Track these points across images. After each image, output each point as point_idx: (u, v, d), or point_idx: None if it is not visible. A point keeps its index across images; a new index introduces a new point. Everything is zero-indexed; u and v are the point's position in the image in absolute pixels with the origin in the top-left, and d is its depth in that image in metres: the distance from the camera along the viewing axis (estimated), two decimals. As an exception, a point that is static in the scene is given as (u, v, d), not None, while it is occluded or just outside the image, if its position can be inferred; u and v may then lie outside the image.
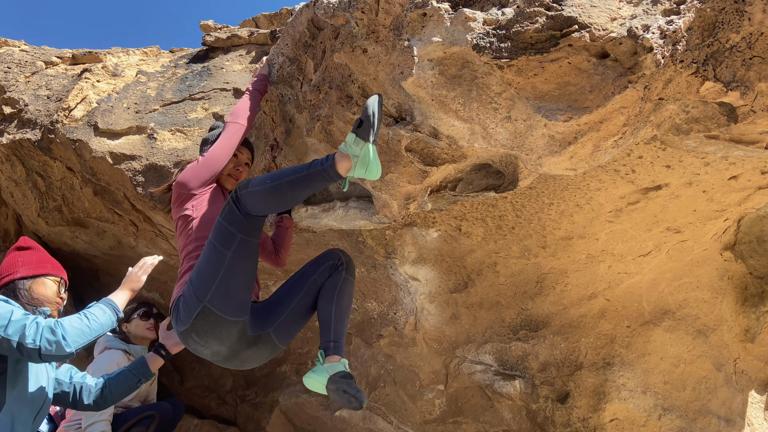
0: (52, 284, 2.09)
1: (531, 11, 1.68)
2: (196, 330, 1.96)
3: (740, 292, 3.19)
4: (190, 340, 2.01)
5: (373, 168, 1.89)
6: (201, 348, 2.03)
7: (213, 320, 1.93)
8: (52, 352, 1.76)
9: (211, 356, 2.07)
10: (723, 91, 1.64)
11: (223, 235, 1.95)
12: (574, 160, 1.78)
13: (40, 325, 1.78)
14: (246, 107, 2.41)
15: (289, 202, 2.04)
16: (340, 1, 2.05)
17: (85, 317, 1.92)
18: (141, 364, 2.41)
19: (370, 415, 3.60)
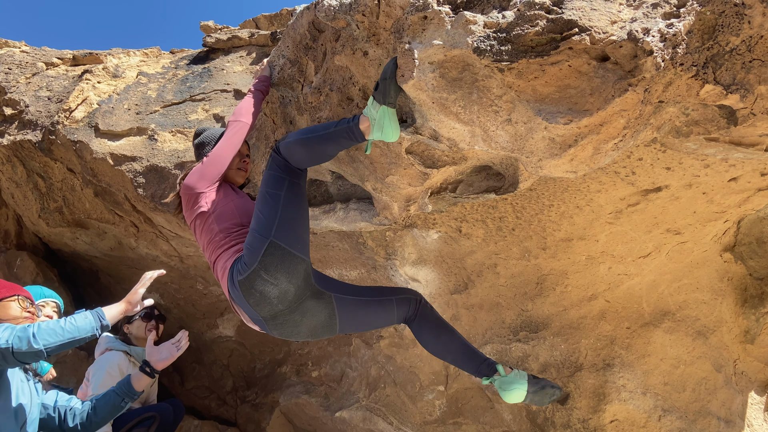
0: (13, 304, 2.14)
1: (531, 14, 1.68)
2: (266, 266, 1.97)
3: (740, 293, 3.20)
4: (258, 280, 1.98)
5: (388, 130, 1.98)
6: (270, 287, 1.98)
7: (281, 254, 1.98)
8: (23, 350, 1.81)
9: (278, 298, 2.01)
10: (723, 93, 1.65)
11: (272, 180, 2.10)
12: (575, 162, 1.78)
13: (15, 326, 1.86)
14: (248, 106, 2.42)
15: (317, 157, 2.13)
16: (341, 4, 2.05)
17: (63, 320, 1.96)
18: (125, 383, 2.38)
19: (370, 415, 3.61)
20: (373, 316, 2.21)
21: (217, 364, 4.86)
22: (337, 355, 4.01)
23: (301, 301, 2.06)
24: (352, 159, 2.43)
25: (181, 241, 3.82)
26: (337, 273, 3.60)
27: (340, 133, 2.06)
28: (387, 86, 1.93)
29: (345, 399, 3.80)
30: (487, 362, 2.21)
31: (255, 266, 1.97)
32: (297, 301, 2.05)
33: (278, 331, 2.12)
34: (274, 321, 2.07)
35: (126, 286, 4.88)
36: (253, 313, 2.07)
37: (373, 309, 2.19)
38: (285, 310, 2.04)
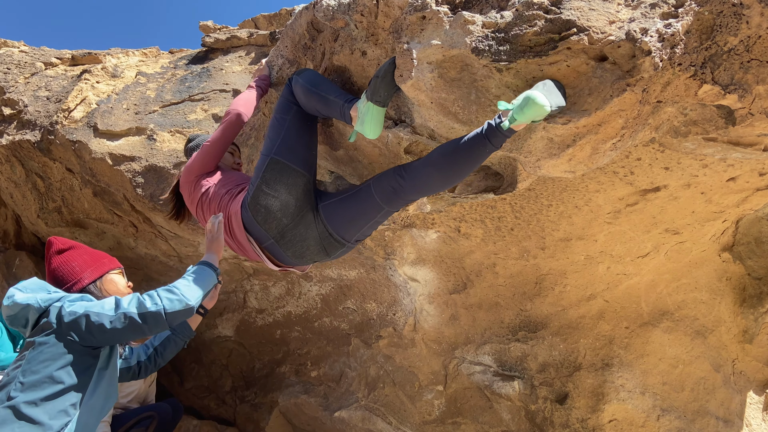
0: (120, 278, 2.10)
1: (530, 14, 1.69)
2: (266, 181, 2.08)
3: (738, 293, 3.20)
4: (261, 194, 2.08)
5: (367, 126, 2.01)
6: (271, 200, 2.08)
7: (279, 168, 2.08)
8: (176, 309, 1.77)
9: (281, 210, 2.09)
10: (721, 94, 1.65)
11: (281, 106, 2.22)
12: (573, 162, 1.79)
13: (153, 292, 1.79)
14: (246, 98, 2.47)
15: (311, 108, 2.20)
16: (340, 4, 2.05)
17: (191, 276, 1.93)
18: (184, 326, 2.43)
19: (369, 415, 3.61)
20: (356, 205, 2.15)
21: (216, 364, 4.86)
22: (336, 354, 4.01)
23: (302, 213, 2.13)
24: (351, 159, 2.43)
25: (180, 241, 3.82)
26: (336, 273, 3.60)
27: (336, 106, 2.13)
28: (377, 84, 1.97)
29: (344, 399, 3.80)
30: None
31: (257, 182, 2.09)
32: (299, 212, 2.12)
33: (291, 250, 2.18)
34: (284, 239, 2.15)
35: (125, 286, 4.88)
36: (264, 236, 2.14)
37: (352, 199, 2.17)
38: (290, 223, 2.12)
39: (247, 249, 2.26)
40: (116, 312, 1.69)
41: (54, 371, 1.63)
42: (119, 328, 1.69)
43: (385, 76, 1.95)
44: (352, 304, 3.73)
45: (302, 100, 2.20)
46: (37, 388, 1.60)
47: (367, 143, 2.30)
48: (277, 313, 4.24)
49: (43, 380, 1.61)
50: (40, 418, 1.57)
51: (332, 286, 3.75)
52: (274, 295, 4.13)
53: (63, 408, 1.62)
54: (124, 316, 1.69)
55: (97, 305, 1.71)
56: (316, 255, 2.23)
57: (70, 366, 1.66)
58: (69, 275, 1.97)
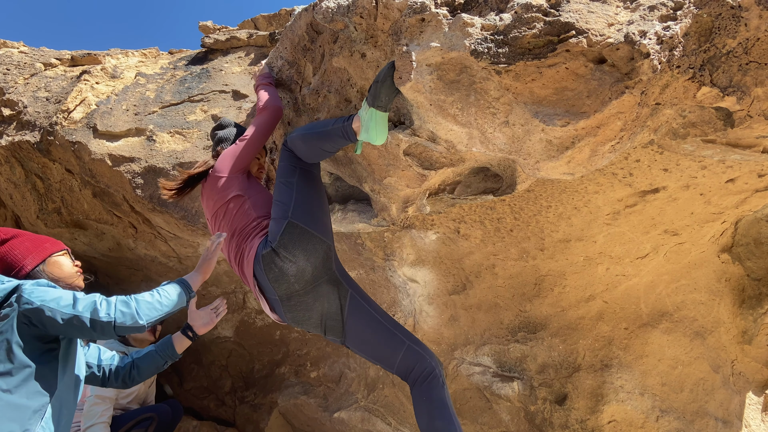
0: (65, 259, 2.06)
1: (528, 17, 1.69)
2: (284, 244, 2.06)
3: (737, 294, 3.20)
4: (278, 257, 2.06)
5: (373, 132, 2.01)
6: (288, 264, 2.06)
7: (299, 232, 2.07)
8: (126, 324, 1.79)
9: (295, 276, 2.07)
10: (719, 96, 1.65)
11: (285, 171, 2.23)
12: (572, 164, 1.79)
13: (112, 300, 1.81)
14: (270, 96, 2.46)
15: (316, 153, 2.21)
16: (339, 6, 2.05)
17: (158, 293, 1.94)
18: (168, 345, 2.37)
19: (369, 416, 3.61)
20: (377, 341, 2.14)
21: (216, 364, 4.86)
22: (336, 355, 4.01)
23: (317, 284, 2.11)
24: (350, 161, 2.43)
25: (180, 242, 3.82)
26: (335, 274, 3.60)
27: (335, 131, 2.11)
28: (378, 89, 1.96)
29: (343, 399, 3.80)
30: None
31: (275, 244, 2.06)
32: (313, 282, 2.10)
33: (291, 314, 2.16)
34: (289, 302, 2.12)
35: (124, 287, 4.88)
36: (271, 291, 2.12)
37: (381, 333, 2.13)
38: (300, 290, 2.10)
39: (249, 285, 2.24)
40: (70, 311, 1.73)
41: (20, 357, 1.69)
42: (69, 327, 1.73)
43: (384, 80, 1.95)
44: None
45: (303, 151, 2.18)
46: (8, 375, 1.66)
47: (367, 144, 2.30)
48: (276, 313, 4.23)
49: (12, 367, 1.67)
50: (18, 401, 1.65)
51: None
52: (274, 296, 4.13)
53: (37, 389, 1.70)
54: (76, 318, 1.73)
55: (54, 300, 1.74)
56: (314, 327, 2.21)
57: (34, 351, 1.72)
58: (14, 263, 1.96)
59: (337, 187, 2.77)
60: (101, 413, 2.97)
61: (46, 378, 1.74)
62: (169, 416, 3.31)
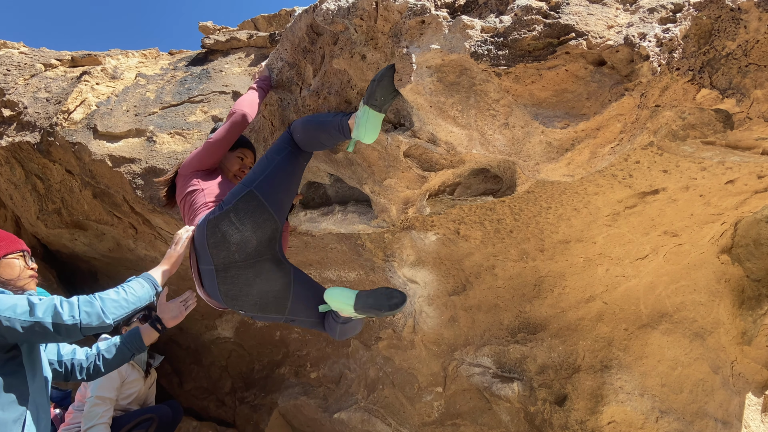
0: (19, 261, 1.95)
1: (528, 19, 1.69)
2: (237, 210, 2.06)
3: (737, 295, 3.20)
4: (226, 221, 2.05)
5: (362, 130, 2.03)
6: (233, 230, 2.05)
7: (255, 204, 2.07)
8: (92, 325, 1.74)
9: (238, 245, 2.06)
10: (719, 98, 1.65)
11: (274, 147, 2.24)
12: (572, 166, 1.79)
13: (74, 301, 1.75)
14: (250, 99, 2.47)
15: (312, 141, 2.24)
16: (340, 8, 2.05)
17: (123, 290, 1.89)
18: (135, 336, 2.33)
19: (369, 417, 3.61)
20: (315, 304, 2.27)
21: (216, 365, 4.86)
22: (336, 356, 4.02)
23: (259, 259, 2.10)
24: (350, 162, 2.43)
25: (180, 243, 3.82)
26: (335, 274, 3.60)
27: (333, 124, 2.14)
28: (373, 88, 1.98)
29: (343, 400, 3.80)
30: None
31: (228, 207, 2.06)
32: (256, 256, 2.09)
33: (226, 287, 2.12)
34: (226, 272, 2.09)
35: (125, 288, 4.88)
36: (207, 259, 2.09)
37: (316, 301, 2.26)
38: (240, 261, 2.08)
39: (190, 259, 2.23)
40: (29, 318, 1.66)
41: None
42: (30, 334, 1.67)
43: (381, 79, 1.96)
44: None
45: (301, 136, 2.21)
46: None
47: (367, 146, 2.30)
48: (276, 314, 4.24)
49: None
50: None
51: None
52: (274, 297, 4.13)
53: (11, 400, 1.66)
54: (38, 325, 1.66)
55: (9, 308, 1.66)
56: (250, 306, 2.19)
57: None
58: None
59: (337, 189, 2.77)
60: (101, 414, 2.98)
61: (17, 387, 1.69)
62: (170, 417, 3.31)
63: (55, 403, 3.54)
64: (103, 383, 3.07)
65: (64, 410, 3.40)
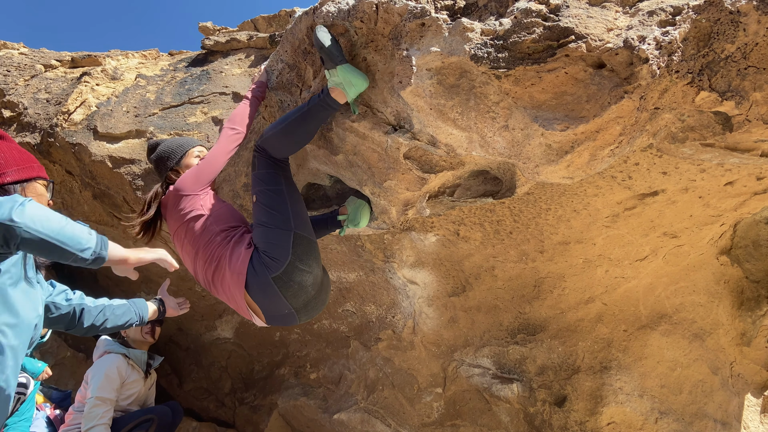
0: (44, 190, 1.79)
1: (528, 22, 1.69)
2: (299, 257, 2.05)
3: (736, 296, 3.21)
4: (296, 271, 2.04)
5: (355, 81, 2.07)
6: (306, 276, 2.07)
7: (306, 243, 2.10)
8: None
9: (313, 285, 2.11)
10: (718, 100, 1.66)
11: (268, 178, 2.19)
12: (571, 168, 1.79)
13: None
14: (244, 114, 2.42)
15: (301, 138, 2.23)
16: (340, 10, 2.06)
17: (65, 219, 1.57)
18: (143, 306, 2.31)
19: (369, 417, 3.61)
20: None
21: (216, 365, 4.86)
22: (336, 357, 4.02)
23: (322, 278, 2.20)
24: (350, 164, 2.44)
25: (180, 244, 3.82)
26: (335, 275, 3.61)
27: (315, 109, 2.15)
28: (329, 51, 2.04)
29: (343, 401, 3.81)
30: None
31: (290, 259, 2.03)
32: (321, 281, 2.18)
33: (307, 315, 2.19)
34: (306, 308, 2.15)
35: (124, 288, 4.88)
36: (283, 304, 2.08)
37: None
38: (315, 294, 2.15)
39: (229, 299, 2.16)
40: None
41: None
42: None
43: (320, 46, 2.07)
44: (352, 306, 3.73)
45: (283, 147, 2.21)
46: None
47: (367, 148, 2.30)
48: (276, 315, 4.24)
49: None
50: None
51: (331, 289, 3.76)
52: (274, 298, 4.14)
53: None
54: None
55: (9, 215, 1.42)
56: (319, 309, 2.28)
57: None
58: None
59: (336, 190, 2.78)
60: (101, 415, 2.97)
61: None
62: (169, 418, 3.31)
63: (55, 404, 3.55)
64: (103, 384, 3.07)
65: (64, 411, 3.41)
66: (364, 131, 2.24)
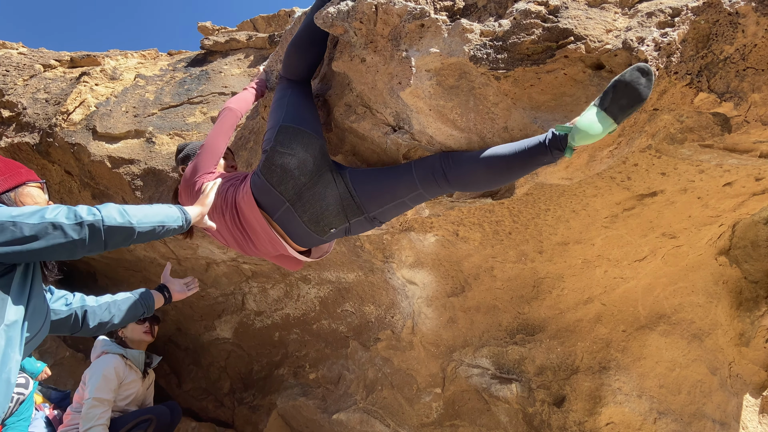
0: (39, 192, 1.74)
1: (527, 23, 1.70)
2: (280, 142, 2.04)
3: (735, 296, 3.22)
4: (276, 155, 2.03)
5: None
6: (288, 158, 2.02)
7: (292, 131, 2.05)
8: (116, 222, 1.49)
9: (299, 168, 2.02)
10: (717, 101, 1.66)
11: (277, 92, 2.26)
12: (570, 170, 1.80)
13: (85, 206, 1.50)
14: (240, 95, 2.45)
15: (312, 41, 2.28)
16: (339, 11, 2.06)
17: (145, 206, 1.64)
18: (147, 294, 2.26)
19: (368, 418, 3.62)
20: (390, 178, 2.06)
21: (215, 366, 4.86)
22: (335, 357, 4.02)
23: (321, 173, 2.06)
24: (348, 164, 2.44)
25: (179, 244, 3.82)
26: (334, 275, 3.61)
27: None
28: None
29: (342, 401, 3.81)
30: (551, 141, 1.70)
31: (271, 145, 2.04)
32: (317, 171, 2.05)
33: (308, 213, 2.08)
34: (300, 200, 2.06)
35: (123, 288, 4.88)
36: (278, 199, 2.04)
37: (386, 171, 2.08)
38: (307, 182, 2.04)
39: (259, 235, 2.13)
40: (41, 221, 1.39)
41: None
42: (43, 240, 1.39)
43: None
44: (351, 306, 3.73)
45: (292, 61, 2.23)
46: None
47: (366, 148, 2.31)
48: (275, 315, 4.24)
49: None
50: None
51: (330, 289, 3.76)
52: (273, 298, 4.14)
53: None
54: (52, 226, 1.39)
55: (13, 210, 1.40)
56: (335, 218, 2.10)
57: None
58: None
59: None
60: (99, 416, 2.98)
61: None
62: (168, 418, 3.31)
63: (53, 404, 3.55)
64: (101, 385, 3.07)
65: (63, 411, 3.40)
66: (364, 132, 2.24)
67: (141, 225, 1.58)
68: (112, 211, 1.51)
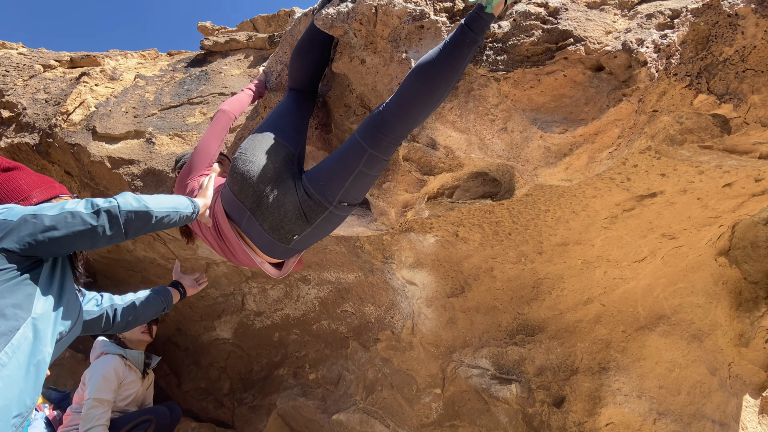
0: None
1: (527, 24, 1.70)
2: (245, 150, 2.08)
3: (735, 297, 3.22)
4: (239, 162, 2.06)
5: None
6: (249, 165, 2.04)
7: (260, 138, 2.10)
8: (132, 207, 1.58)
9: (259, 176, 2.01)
10: (716, 103, 1.66)
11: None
12: (570, 171, 1.80)
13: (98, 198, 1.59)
14: (235, 100, 2.45)
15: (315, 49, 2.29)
16: (339, 12, 2.06)
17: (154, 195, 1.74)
18: (166, 292, 2.32)
19: (368, 418, 3.62)
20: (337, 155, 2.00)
21: (215, 366, 4.86)
22: (335, 357, 4.02)
23: (281, 180, 2.02)
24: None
25: (179, 244, 3.82)
26: (334, 276, 3.61)
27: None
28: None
29: (342, 401, 3.81)
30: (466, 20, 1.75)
31: (236, 155, 2.06)
32: (277, 178, 2.02)
33: (268, 222, 2.02)
34: (260, 208, 2.01)
35: (123, 289, 4.88)
36: (240, 209, 2.03)
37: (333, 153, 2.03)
38: (266, 190, 2.01)
39: (233, 245, 2.13)
40: (60, 211, 1.47)
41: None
42: (63, 228, 1.46)
43: None
44: (351, 307, 3.73)
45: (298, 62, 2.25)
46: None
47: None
48: (275, 315, 4.24)
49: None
50: None
51: (330, 290, 3.76)
52: (273, 298, 4.14)
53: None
54: (71, 215, 1.47)
55: (34, 207, 1.49)
56: (294, 224, 2.03)
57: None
58: (15, 192, 1.71)
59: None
60: (99, 416, 2.98)
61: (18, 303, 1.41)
62: (168, 418, 3.31)
63: (53, 404, 3.55)
64: (101, 385, 3.07)
65: (63, 411, 3.41)
66: (363, 133, 2.24)
67: (157, 210, 1.68)
68: (128, 198, 1.60)
